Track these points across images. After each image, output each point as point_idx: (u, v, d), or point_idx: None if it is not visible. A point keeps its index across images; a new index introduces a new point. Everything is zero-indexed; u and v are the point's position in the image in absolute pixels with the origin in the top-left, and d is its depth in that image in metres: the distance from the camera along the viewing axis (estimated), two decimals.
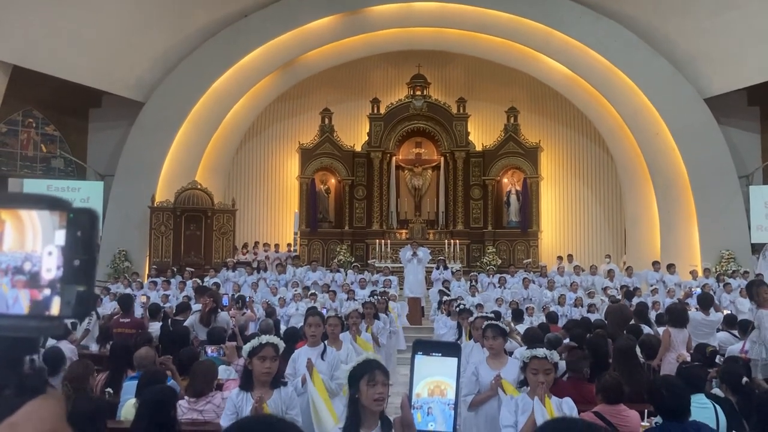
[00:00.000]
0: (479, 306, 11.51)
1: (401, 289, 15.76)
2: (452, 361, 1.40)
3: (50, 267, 0.93)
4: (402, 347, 12.45)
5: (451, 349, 1.43)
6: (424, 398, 1.38)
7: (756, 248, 17.53)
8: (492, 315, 7.76)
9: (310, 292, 14.07)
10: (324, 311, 12.51)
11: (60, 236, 0.93)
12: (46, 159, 19.47)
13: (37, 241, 0.95)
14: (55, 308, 0.91)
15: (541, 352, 3.78)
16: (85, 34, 16.59)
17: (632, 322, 8.71)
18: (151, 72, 18.43)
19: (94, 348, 8.92)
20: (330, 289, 14.92)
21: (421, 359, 1.41)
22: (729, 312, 11.29)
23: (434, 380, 1.38)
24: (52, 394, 0.91)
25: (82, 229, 0.94)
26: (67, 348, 6.83)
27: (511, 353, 5.71)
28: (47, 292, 0.92)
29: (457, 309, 8.42)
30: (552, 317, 10.64)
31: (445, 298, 11.34)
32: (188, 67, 18.52)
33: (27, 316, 0.92)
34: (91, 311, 6.44)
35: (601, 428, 1.27)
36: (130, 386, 5.26)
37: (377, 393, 2.57)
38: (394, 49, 20.19)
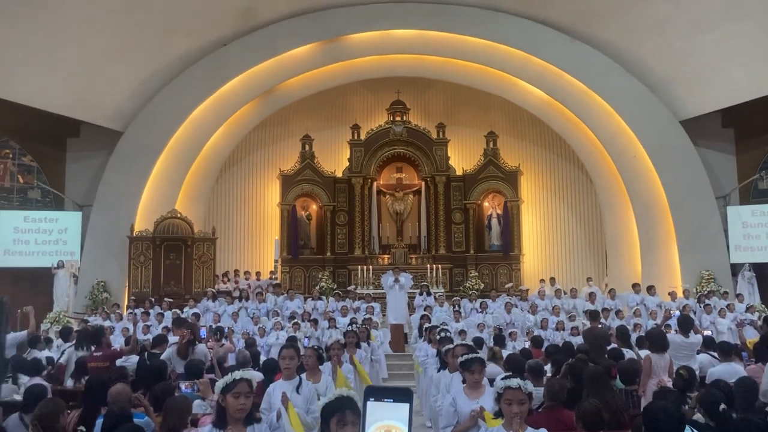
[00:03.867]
0: (462, 332, 11.45)
1: (384, 315, 15.67)
2: (404, 407, 1.38)
3: None
4: (385, 375, 12.36)
5: (402, 394, 1.40)
6: None
7: (735, 268, 17.67)
8: (472, 344, 7.70)
9: (293, 321, 13.93)
10: (306, 340, 12.44)
11: None
12: (23, 190, 19.26)
13: None
14: None
15: (514, 382, 3.74)
16: (62, 64, 16.52)
17: (613, 345, 8.71)
18: (129, 101, 18.37)
19: (69, 383, 8.72)
20: (311, 317, 14.78)
21: (372, 405, 1.38)
22: (709, 333, 11.35)
23: (384, 424, 1.36)
24: None
25: None
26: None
27: (493, 379, 5.67)
28: None
29: (438, 337, 8.34)
30: (537, 341, 10.60)
31: (426, 325, 11.26)
32: (167, 96, 18.48)
33: None
34: None
35: None
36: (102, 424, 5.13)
37: None
38: (373, 75, 20.32)
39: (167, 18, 17.14)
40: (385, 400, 1.37)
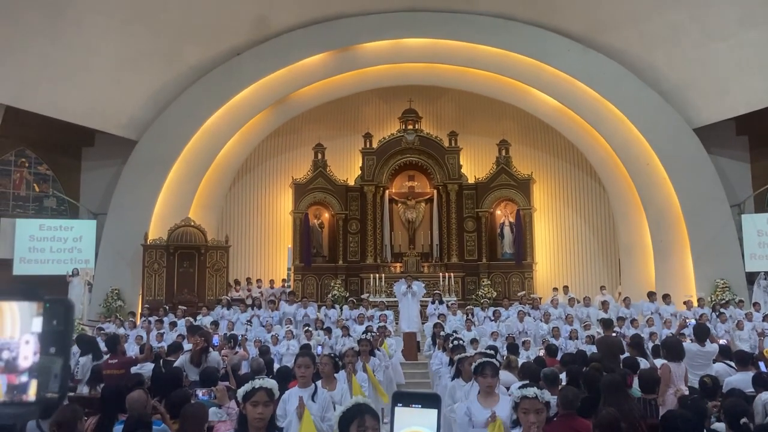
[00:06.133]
0: (474, 341, 11.41)
1: (396, 324, 15.65)
2: (432, 412, 1.39)
3: (27, 355, 0.96)
4: (402, 381, 12.35)
5: (431, 400, 1.41)
6: None
7: (750, 277, 17.51)
8: (491, 352, 7.69)
9: (305, 329, 13.94)
10: (319, 348, 12.44)
11: (37, 323, 0.96)
12: (38, 198, 19.44)
13: (15, 328, 0.98)
14: (31, 393, 0.94)
15: (531, 391, 3.73)
16: (77, 74, 16.71)
17: (627, 354, 8.66)
18: (143, 110, 18.53)
19: (84, 390, 8.78)
20: (324, 326, 14.79)
21: (401, 410, 1.39)
22: (724, 342, 11.25)
23: (412, 430, 1.37)
24: None
25: (57, 318, 0.97)
26: None
27: (508, 387, 5.66)
28: (24, 378, 0.95)
29: (450, 345, 8.33)
30: (551, 350, 10.54)
31: (441, 333, 11.24)
32: (181, 106, 18.62)
33: (4, 403, 0.94)
34: (66, 393, 6.36)
35: None
36: (119, 431, 5.16)
37: None
38: (386, 84, 20.38)
39: (181, 28, 17.30)
40: (413, 405, 1.38)
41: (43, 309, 0.98)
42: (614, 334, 10.68)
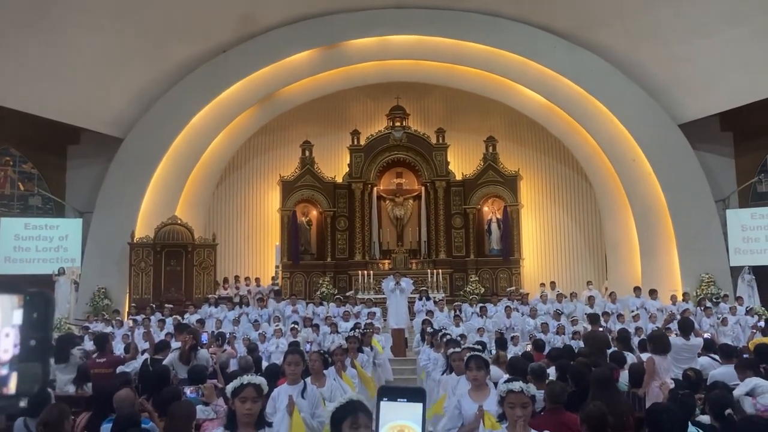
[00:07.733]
0: (462, 336, 11.46)
1: (385, 320, 15.68)
2: (417, 406, 1.40)
3: (7, 348, 0.97)
4: (390, 378, 12.38)
5: (416, 394, 1.43)
6: None
7: (735, 271, 17.70)
8: (479, 347, 7.73)
9: (291, 327, 13.93)
10: (307, 345, 12.45)
11: (18, 316, 0.97)
12: (23, 197, 19.28)
13: None
14: (12, 385, 0.94)
15: (517, 386, 3.74)
16: (62, 71, 16.58)
17: (614, 348, 8.73)
18: (129, 108, 18.41)
19: (71, 389, 8.72)
20: (313, 322, 14.79)
21: (386, 405, 1.40)
22: (708, 336, 11.37)
23: (397, 424, 1.38)
24: None
25: (37, 311, 0.98)
26: None
27: (497, 382, 5.69)
28: (4, 371, 0.96)
29: (443, 341, 8.36)
30: (538, 345, 10.60)
31: (429, 329, 11.28)
32: (167, 103, 18.52)
33: None
34: (47, 387, 6.33)
35: None
36: (107, 429, 5.15)
37: None
38: (373, 81, 20.36)
39: (167, 25, 17.20)
40: (399, 399, 1.39)
41: (23, 301, 0.99)
42: (601, 329, 10.78)
